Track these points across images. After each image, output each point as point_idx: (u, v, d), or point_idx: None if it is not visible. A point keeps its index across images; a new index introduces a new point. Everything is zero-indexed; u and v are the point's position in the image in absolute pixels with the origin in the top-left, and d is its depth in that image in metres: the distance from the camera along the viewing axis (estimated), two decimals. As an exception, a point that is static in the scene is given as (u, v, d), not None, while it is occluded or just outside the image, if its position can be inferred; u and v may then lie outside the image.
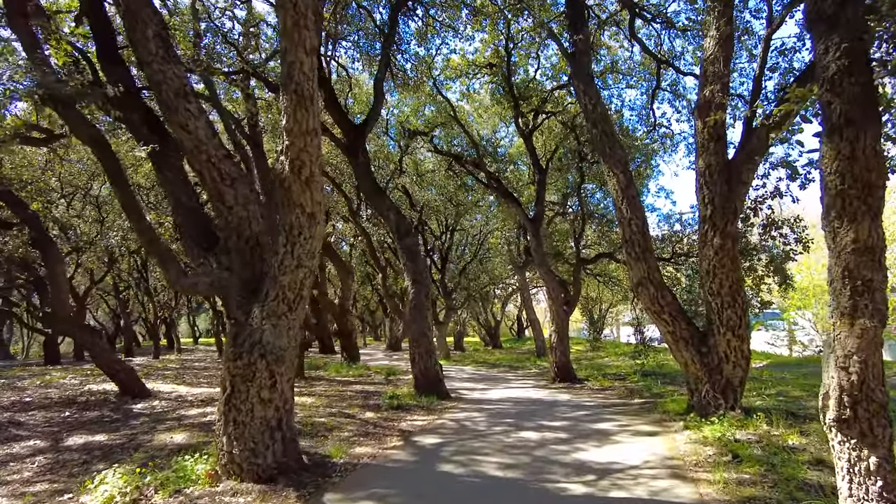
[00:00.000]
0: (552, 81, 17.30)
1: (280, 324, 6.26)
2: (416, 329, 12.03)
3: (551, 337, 16.39)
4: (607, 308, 36.66)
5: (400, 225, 12.50)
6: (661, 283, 8.84)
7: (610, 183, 9.34)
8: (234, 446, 6.03)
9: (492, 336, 40.10)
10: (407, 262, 12.36)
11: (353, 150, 12.77)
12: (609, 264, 23.84)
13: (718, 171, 8.18)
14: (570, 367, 15.97)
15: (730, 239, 8.09)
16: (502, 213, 21.76)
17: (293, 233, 6.31)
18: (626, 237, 9.01)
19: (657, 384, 13.28)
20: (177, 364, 24.21)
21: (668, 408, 9.49)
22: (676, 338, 8.63)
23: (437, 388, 11.89)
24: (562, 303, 16.49)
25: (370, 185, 12.71)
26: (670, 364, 18.92)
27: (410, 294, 12.21)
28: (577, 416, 9.52)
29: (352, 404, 10.95)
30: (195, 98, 6.63)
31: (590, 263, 19.44)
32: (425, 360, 11.92)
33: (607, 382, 14.75)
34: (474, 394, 13.27)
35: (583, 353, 27.91)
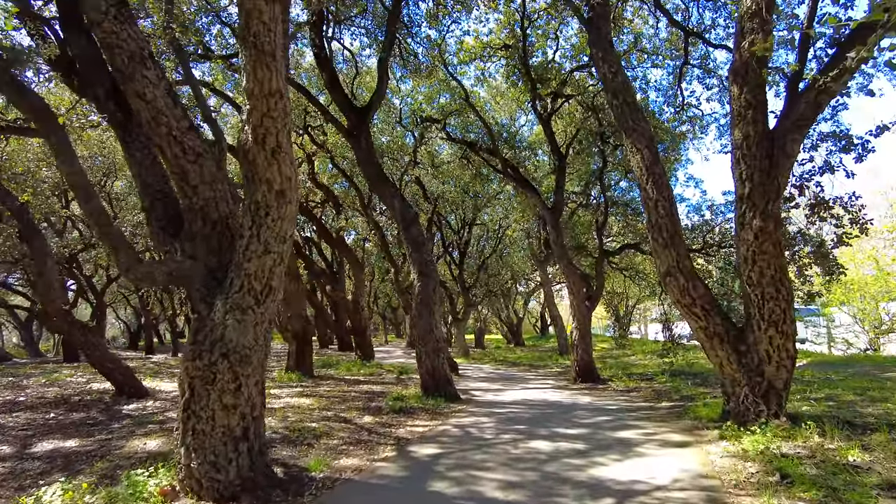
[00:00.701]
0: (572, 62, 16.22)
1: (246, 319, 5.43)
2: (422, 325, 11.15)
3: (573, 334, 15.36)
4: (634, 304, 35.26)
5: (405, 213, 11.62)
6: (693, 273, 7.78)
7: (633, 160, 8.29)
8: (193, 459, 5.22)
9: (514, 333, 39.07)
10: (412, 254, 11.48)
11: (356, 135, 11.94)
12: (635, 256, 22.57)
13: (758, 143, 7.09)
14: (592, 366, 14.92)
15: (772, 220, 7.00)
16: (521, 204, 20.72)
17: (259, 213, 5.46)
18: (652, 221, 7.97)
19: (687, 385, 12.17)
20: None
21: (701, 413, 8.42)
22: (710, 334, 7.57)
23: (445, 390, 10.99)
24: (584, 298, 15.44)
25: (374, 172, 11.87)
26: (701, 363, 17.68)
27: (416, 287, 11.33)
28: (597, 423, 8.51)
29: (352, 407, 10.12)
30: (154, 64, 5.83)
31: (614, 256, 18.28)
32: (432, 358, 11.03)
33: (632, 383, 13.67)
34: (487, 395, 12.34)
35: (608, 352, 26.70)
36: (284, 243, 5.63)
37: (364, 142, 11.90)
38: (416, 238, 11.48)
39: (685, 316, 7.92)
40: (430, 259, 11.50)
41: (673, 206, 7.98)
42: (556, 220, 15.43)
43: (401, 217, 11.63)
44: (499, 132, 16.93)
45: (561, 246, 15.29)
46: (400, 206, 11.64)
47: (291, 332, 16.61)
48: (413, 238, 11.49)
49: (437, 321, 11.27)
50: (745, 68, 7.17)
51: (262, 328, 5.58)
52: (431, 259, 11.58)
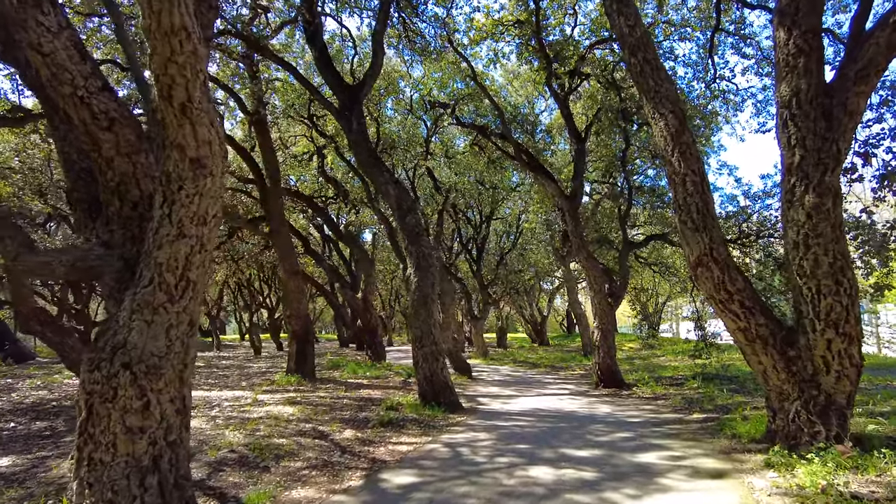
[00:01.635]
0: (592, 39, 14.80)
1: (156, 320, 4.32)
2: (420, 325, 9.96)
3: (594, 334, 13.99)
4: (664, 301, 33.44)
5: (401, 201, 10.45)
6: (729, 262, 6.40)
7: (655, 128, 6.93)
8: (87, 496, 4.14)
9: (538, 332, 37.61)
10: (409, 245, 10.30)
11: (347, 115, 10.82)
12: (663, 248, 20.92)
13: (812, 99, 5.70)
14: (615, 369, 13.53)
15: (830, 195, 5.61)
16: (538, 193, 19.34)
17: (171, 187, 4.34)
18: (680, 200, 6.61)
19: (722, 393, 10.71)
20: (202, 363, 23.22)
21: (740, 430, 7.03)
22: (751, 336, 6.19)
23: (445, 398, 9.78)
24: (606, 294, 14.05)
25: (366, 155, 10.72)
26: (738, 364, 16.08)
27: (413, 283, 10.15)
28: (615, 441, 7.19)
29: (336, 418, 8.99)
30: (54, 8, 4.75)
31: (639, 247, 16.76)
32: (431, 363, 9.82)
33: (660, 389, 12.24)
34: (495, 403, 11.08)
35: (636, 352, 25.13)
36: (205, 225, 4.48)
37: (356, 122, 10.76)
38: (412, 228, 10.29)
39: (720, 314, 6.55)
40: (430, 251, 10.30)
41: (704, 182, 6.61)
42: (575, 210, 14.06)
43: (396, 204, 10.46)
44: (512, 115, 15.58)
45: (580, 237, 13.92)
46: (395, 193, 10.46)
47: (291, 332, 15.62)
48: (410, 228, 10.30)
49: (436, 321, 10.07)
50: (794, 6, 5.77)
51: (180, 331, 4.45)
52: (431, 251, 10.38)
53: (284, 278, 15.44)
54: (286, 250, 15.48)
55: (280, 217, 15.66)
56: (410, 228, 10.29)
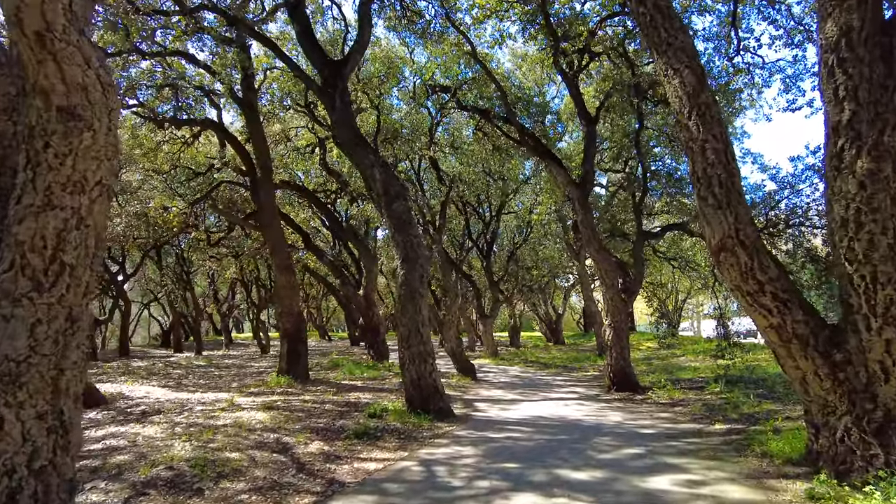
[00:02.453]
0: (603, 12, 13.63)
1: (17, 314, 3.36)
2: (407, 323, 8.94)
3: (606, 333, 12.85)
4: (684, 299, 32.00)
5: (388, 185, 9.44)
6: (759, 246, 5.28)
7: (669, 88, 5.82)
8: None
9: (553, 331, 36.34)
10: (395, 234, 9.28)
11: (330, 92, 9.85)
12: (682, 240, 19.56)
13: (867, 38, 4.55)
14: (629, 371, 12.39)
15: (889, 159, 4.46)
16: (549, 182, 18.19)
17: (35, 144, 3.38)
18: (699, 172, 5.49)
19: (748, 399, 9.51)
20: (205, 362, 22.57)
21: (772, 448, 5.90)
22: (786, 336, 5.07)
23: (434, 405, 8.75)
24: (619, 290, 12.90)
25: (349, 136, 9.73)
26: (764, 366, 14.82)
27: (399, 276, 9.13)
28: (622, 460, 6.10)
29: (310, 426, 8.02)
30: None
31: (655, 238, 15.49)
32: (418, 365, 8.79)
33: (678, 393, 11.08)
34: (493, 410, 10.02)
35: (654, 352, 23.83)
36: (84, 194, 3.52)
37: (339, 100, 9.78)
38: (399, 215, 9.27)
39: (748, 309, 5.42)
40: (418, 241, 9.27)
41: (728, 150, 5.48)
42: (585, 197, 12.93)
43: (383, 190, 9.45)
44: (517, 97, 14.44)
45: (590, 228, 12.78)
46: (382, 177, 9.46)
47: (282, 331, 14.73)
48: (397, 215, 9.28)
49: (425, 319, 9.04)
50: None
51: (52, 329, 3.48)
52: (420, 242, 9.35)
53: (276, 273, 14.56)
54: (278, 245, 14.59)
55: (271, 210, 14.78)
56: (398, 216, 9.28)
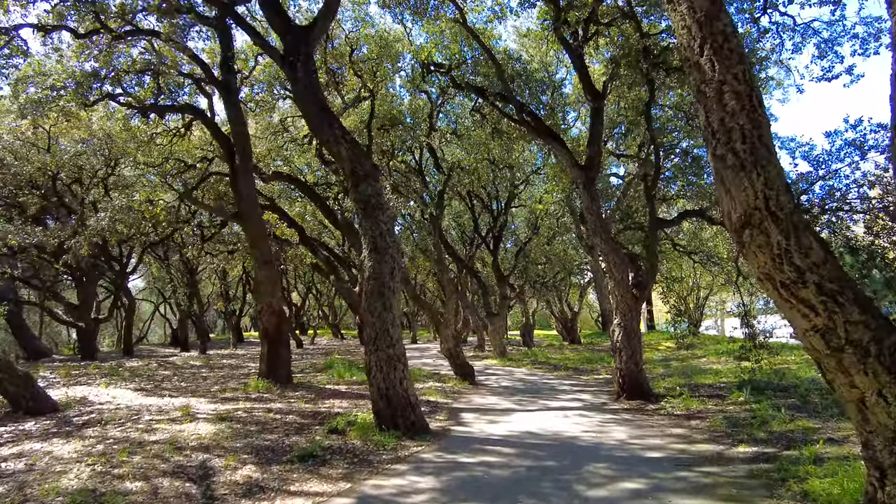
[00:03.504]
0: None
1: None
2: (374, 323, 7.66)
3: (615, 333, 11.44)
4: (706, 296, 30.20)
5: (356, 165, 8.18)
6: (797, 220, 3.89)
7: (674, 18, 4.45)
8: None
9: (568, 330, 34.81)
10: (363, 221, 8.02)
11: (292, 61, 8.63)
12: (702, 229, 17.87)
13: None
14: (641, 377, 10.98)
15: None
16: (554, 168, 16.75)
17: None
18: (714, 124, 4.12)
19: (779, 412, 8.05)
20: (202, 362, 21.73)
21: (814, 487, 4.51)
22: (837, 342, 3.68)
23: (405, 419, 7.46)
24: (629, 285, 11.49)
25: (314, 110, 8.48)
26: (794, 369, 13.29)
27: (366, 269, 7.86)
28: (616, 500, 4.76)
29: (253, 444, 6.82)
30: None
31: (670, 226, 13.90)
32: (387, 373, 7.51)
33: (696, 403, 9.63)
34: (479, 423, 8.68)
35: (672, 352, 22.25)
36: None
37: (302, 70, 8.54)
38: (367, 199, 8.00)
39: (782, 306, 4.03)
40: (389, 229, 7.98)
41: (753, 94, 4.09)
42: (591, 182, 11.52)
43: (349, 169, 8.19)
44: (514, 72, 13.03)
45: (596, 216, 11.39)
46: (349, 155, 8.20)
47: (262, 331, 13.61)
48: (364, 199, 8.01)
49: (395, 317, 7.76)
50: None
51: None
52: (390, 229, 8.06)
53: (255, 268, 13.44)
54: (258, 237, 13.46)
55: (251, 199, 13.65)
56: (365, 200, 8.01)
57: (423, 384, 13.45)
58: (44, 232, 18.95)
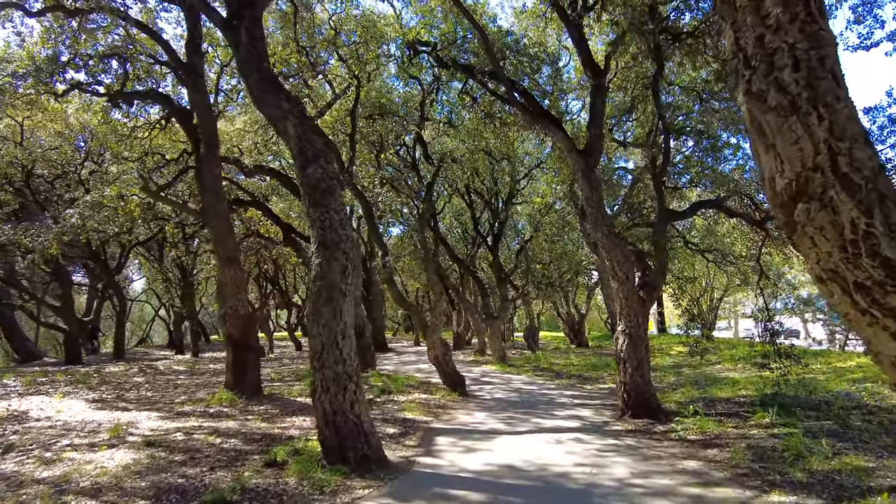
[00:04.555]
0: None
1: None
2: (320, 333, 6.30)
3: (619, 341, 10.02)
4: (720, 297, 28.56)
5: (305, 143, 6.84)
6: (886, 189, 2.51)
7: None
8: None
9: (575, 332, 33.31)
10: (310, 210, 6.67)
11: (235, 25, 7.32)
12: (718, 223, 16.28)
13: None
14: (648, 393, 9.54)
15: None
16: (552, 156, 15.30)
17: None
18: (749, 46, 2.75)
19: (817, 440, 6.59)
20: (186, 366, 20.65)
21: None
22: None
23: (356, 451, 6.10)
24: (635, 286, 10.07)
25: (258, 79, 7.16)
26: (822, 379, 11.83)
27: (313, 267, 6.51)
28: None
29: (161, 483, 5.50)
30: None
31: (682, 218, 12.36)
32: (334, 395, 6.14)
33: (713, 425, 8.18)
34: (451, 452, 7.27)
35: (684, 358, 20.71)
36: None
37: (245, 35, 7.22)
38: (316, 183, 6.66)
39: (856, 320, 2.63)
40: (342, 220, 6.62)
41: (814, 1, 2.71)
42: (591, 170, 10.10)
43: (297, 149, 6.86)
44: (504, 45, 11.61)
45: (597, 207, 9.96)
46: (297, 132, 6.86)
47: (227, 336, 12.33)
48: (312, 183, 6.67)
49: (346, 326, 6.40)
50: None
51: None
52: (343, 220, 6.70)
53: (219, 267, 12.16)
54: (222, 233, 12.18)
55: (215, 192, 12.36)
56: (313, 184, 6.66)
57: (407, 396, 12.11)
58: (13, 229, 17.86)
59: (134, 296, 47.67)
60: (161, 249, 27.94)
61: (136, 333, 49.57)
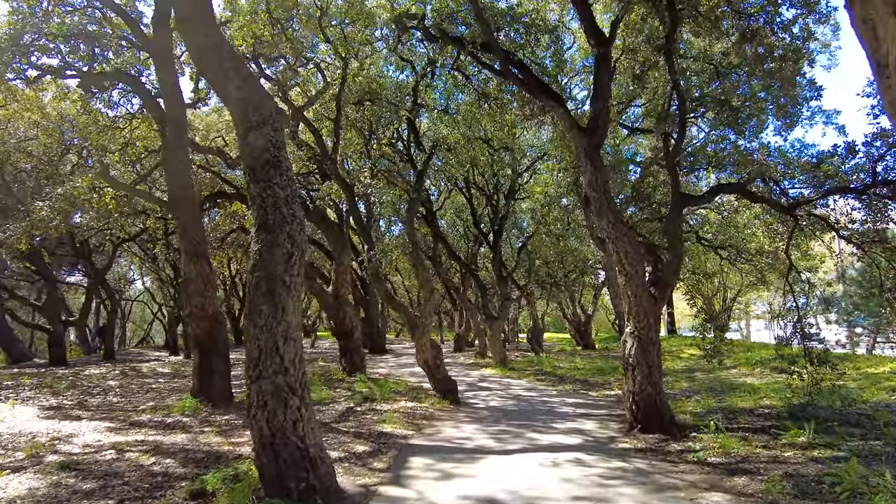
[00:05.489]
0: None
1: None
2: (258, 338, 5.11)
3: (628, 345, 8.77)
4: (734, 296, 27.16)
5: (249, 107, 5.67)
6: None
7: None
8: None
9: (581, 334, 32.02)
10: (250, 185, 5.50)
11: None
12: (737, 212, 14.86)
13: None
14: (660, 404, 8.30)
15: None
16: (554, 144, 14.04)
17: None
18: None
19: (877, 474, 5.31)
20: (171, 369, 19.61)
21: None
22: None
23: (299, 481, 4.90)
24: (646, 282, 8.83)
25: (201, 38, 5.99)
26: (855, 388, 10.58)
27: (253, 254, 5.34)
28: None
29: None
30: None
31: (699, 203, 10.90)
32: (273, 412, 4.94)
33: (737, 444, 6.92)
34: (422, 480, 6.04)
35: (696, 361, 19.40)
36: None
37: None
38: (259, 154, 5.49)
39: None
40: (289, 197, 5.43)
41: None
42: (595, 149, 8.86)
43: (240, 114, 5.70)
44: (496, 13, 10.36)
45: (603, 192, 8.72)
46: (241, 94, 5.70)
47: (193, 338, 11.20)
48: (255, 153, 5.50)
49: (291, 327, 5.21)
50: None
51: None
52: (291, 197, 5.50)
53: (184, 262, 11.01)
54: (190, 225, 11.04)
55: (182, 179, 11.23)
56: (256, 154, 5.49)
57: (391, 405, 10.91)
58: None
59: (134, 296, 46.96)
60: (153, 247, 26.99)
61: (137, 334, 48.86)
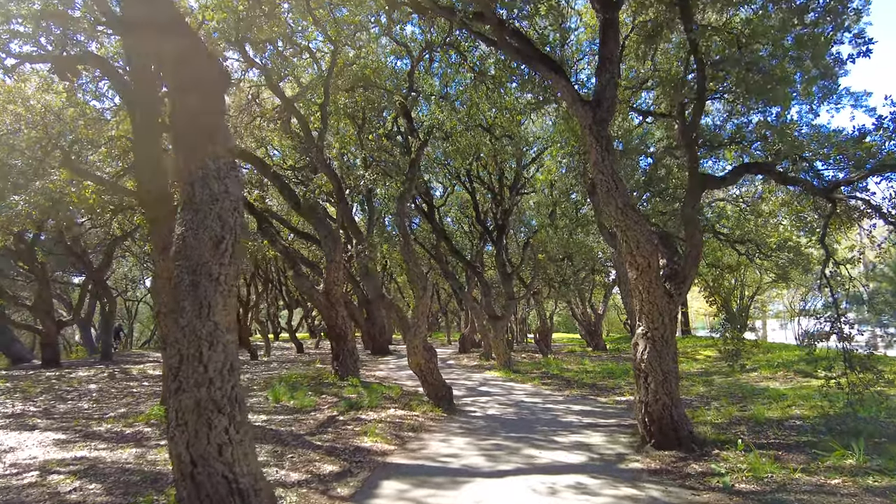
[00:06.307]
0: None
1: None
2: (178, 341, 4.15)
3: (639, 348, 7.70)
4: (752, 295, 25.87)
5: (182, 68, 4.67)
6: None
7: None
8: None
9: (591, 334, 30.92)
10: (178, 155, 4.49)
11: None
12: (762, 199, 13.56)
13: None
14: (677, 416, 7.22)
15: None
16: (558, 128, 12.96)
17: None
18: None
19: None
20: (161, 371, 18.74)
21: None
22: None
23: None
24: (660, 277, 7.76)
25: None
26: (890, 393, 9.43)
27: (176, 239, 4.36)
28: None
29: None
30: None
31: (720, 185, 9.56)
32: (195, 433, 3.96)
33: (771, 467, 5.84)
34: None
35: (713, 364, 18.24)
36: None
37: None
38: (192, 119, 4.50)
39: None
40: (219, 168, 4.46)
41: None
42: (602, 125, 7.80)
43: (173, 74, 4.72)
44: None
45: (610, 175, 7.66)
46: (175, 55, 4.73)
47: (163, 341, 10.27)
48: (186, 119, 4.52)
49: (219, 328, 4.23)
50: None
51: None
52: (229, 165, 4.52)
53: (154, 257, 10.10)
54: (158, 218, 10.09)
55: (151, 167, 10.31)
56: (188, 119, 4.50)
57: (379, 413, 9.91)
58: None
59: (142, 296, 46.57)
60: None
61: (144, 334, 48.60)
